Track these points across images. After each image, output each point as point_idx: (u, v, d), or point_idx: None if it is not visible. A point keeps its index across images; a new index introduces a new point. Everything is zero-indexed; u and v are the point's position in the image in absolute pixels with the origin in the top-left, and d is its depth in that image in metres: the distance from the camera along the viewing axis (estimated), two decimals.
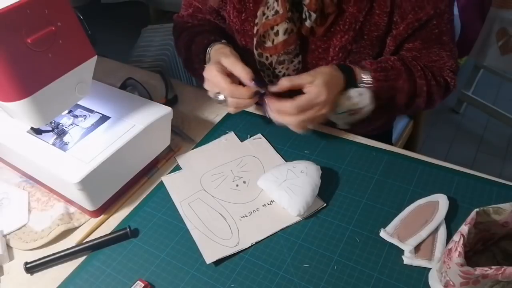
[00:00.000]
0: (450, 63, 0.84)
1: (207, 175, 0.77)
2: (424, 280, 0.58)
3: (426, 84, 0.82)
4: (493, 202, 0.63)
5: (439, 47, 0.82)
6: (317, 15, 0.77)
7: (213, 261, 0.63)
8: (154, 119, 0.74)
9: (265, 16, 0.79)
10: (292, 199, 0.67)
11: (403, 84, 0.80)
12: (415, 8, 0.76)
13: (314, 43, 0.83)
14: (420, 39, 0.81)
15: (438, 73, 0.84)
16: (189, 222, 0.69)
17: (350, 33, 0.79)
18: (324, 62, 0.84)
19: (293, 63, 0.83)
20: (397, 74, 0.79)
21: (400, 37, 0.80)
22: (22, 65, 0.59)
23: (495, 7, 1.74)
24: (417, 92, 0.82)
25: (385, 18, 0.78)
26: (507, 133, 2.01)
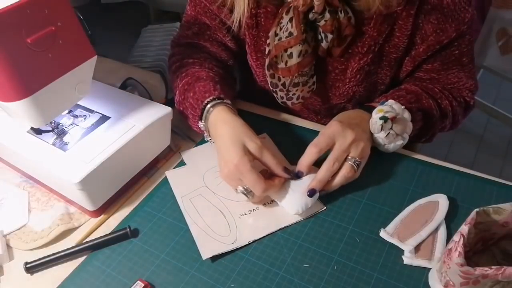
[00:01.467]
0: (468, 83, 0.82)
1: (210, 172, 0.77)
2: (424, 280, 0.58)
3: (449, 105, 0.80)
4: (493, 202, 0.63)
5: (458, 68, 0.81)
6: (334, 37, 0.74)
7: (209, 257, 0.63)
8: (154, 119, 0.74)
9: (277, 37, 0.75)
10: (292, 198, 0.67)
11: (427, 103, 0.78)
12: (436, 31, 0.74)
13: (331, 64, 0.81)
14: (440, 60, 0.79)
15: (457, 94, 0.83)
16: (189, 218, 0.69)
17: (369, 55, 0.77)
18: (341, 83, 0.83)
19: (308, 84, 0.80)
20: (416, 95, 0.77)
21: (419, 58, 0.79)
22: (22, 65, 0.59)
23: (495, 7, 1.74)
24: (442, 112, 0.80)
25: (405, 40, 0.76)
26: (507, 133, 2.01)
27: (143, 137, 0.73)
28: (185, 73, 0.83)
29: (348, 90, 0.83)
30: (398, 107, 0.72)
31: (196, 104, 0.76)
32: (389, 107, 0.71)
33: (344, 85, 0.82)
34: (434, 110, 0.78)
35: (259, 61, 0.85)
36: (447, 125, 0.84)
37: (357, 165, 0.68)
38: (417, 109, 0.76)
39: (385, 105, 0.71)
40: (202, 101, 0.75)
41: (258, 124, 0.86)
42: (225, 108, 0.74)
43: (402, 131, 0.72)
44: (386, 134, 0.71)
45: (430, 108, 0.78)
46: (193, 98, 0.77)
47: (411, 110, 0.73)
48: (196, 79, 0.80)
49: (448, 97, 0.81)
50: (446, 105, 0.80)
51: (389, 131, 0.71)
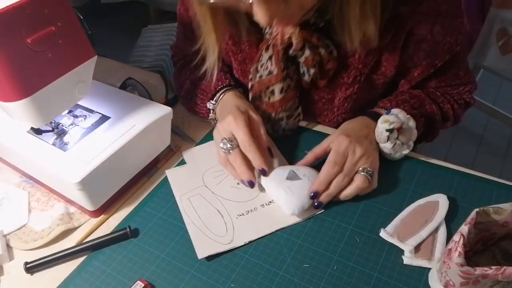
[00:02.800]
0: (468, 87, 0.83)
1: (210, 171, 0.78)
2: (424, 280, 0.58)
3: (451, 108, 0.81)
4: (493, 202, 0.63)
5: (456, 82, 0.81)
6: (316, 70, 0.74)
7: (205, 257, 0.63)
8: (154, 119, 0.74)
9: (258, 74, 0.76)
10: (289, 198, 0.67)
11: (430, 108, 0.78)
12: (430, 55, 0.74)
13: (317, 94, 0.81)
14: (436, 79, 0.80)
15: (458, 97, 0.83)
16: (187, 217, 0.70)
17: (355, 85, 0.77)
18: (329, 112, 0.83)
19: (293, 117, 0.80)
20: (419, 100, 0.78)
21: (415, 81, 0.79)
22: (22, 65, 0.59)
23: (495, 7, 1.74)
24: (444, 116, 0.81)
25: (393, 69, 0.76)
26: (507, 133, 2.01)
27: (143, 137, 0.73)
28: (193, 69, 0.86)
29: (337, 117, 0.83)
30: (403, 116, 0.71)
31: (208, 90, 0.82)
32: (395, 117, 0.70)
33: (333, 114, 0.83)
34: (437, 116, 0.79)
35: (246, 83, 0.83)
36: (448, 126, 0.85)
37: (370, 175, 0.67)
38: (420, 115, 0.75)
39: (390, 114, 0.71)
40: (215, 88, 0.81)
41: None
42: (236, 93, 0.80)
43: (407, 139, 0.72)
44: (393, 144, 0.71)
45: (433, 113, 0.78)
46: (205, 85, 0.82)
47: (415, 117, 0.73)
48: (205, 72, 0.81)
49: (450, 101, 0.82)
50: (448, 108, 0.81)
51: (395, 141, 0.71)
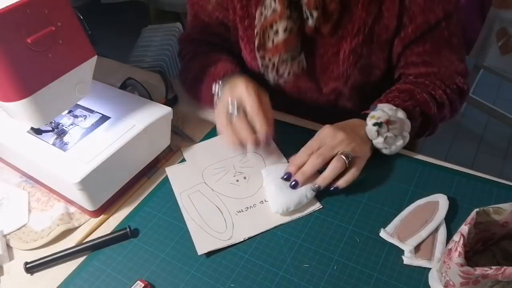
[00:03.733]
0: (460, 67, 0.82)
1: (209, 169, 0.78)
2: (424, 280, 0.58)
3: (444, 94, 0.80)
4: (493, 202, 0.63)
5: (449, 50, 0.81)
6: (319, 14, 0.76)
7: (204, 253, 0.64)
8: (154, 119, 0.74)
9: (263, 16, 0.79)
10: (277, 197, 0.68)
11: (421, 97, 0.78)
12: (424, 10, 0.75)
13: (323, 47, 0.82)
14: (430, 42, 0.79)
15: (450, 82, 0.82)
16: (187, 213, 0.70)
17: (360, 36, 0.78)
18: (335, 65, 0.83)
19: (296, 60, 0.81)
20: (409, 93, 0.78)
21: (408, 39, 0.79)
22: (22, 65, 0.59)
23: (495, 7, 1.74)
24: (438, 101, 0.80)
25: (394, 21, 0.77)
26: (507, 133, 2.01)
27: (143, 137, 0.73)
28: (202, 57, 0.89)
29: (343, 72, 0.83)
30: (389, 109, 0.72)
31: (216, 75, 0.82)
32: (381, 112, 0.71)
33: (338, 68, 0.83)
34: (430, 103, 0.78)
35: (253, 53, 0.86)
36: (446, 114, 0.83)
37: (349, 158, 0.67)
38: (413, 106, 0.76)
39: (376, 110, 0.72)
40: (224, 72, 0.82)
41: None
42: (246, 76, 0.79)
43: (400, 131, 0.72)
44: (384, 138, 0.71)
45: (426, 101, 0.78)
46: (213, 73, 0.83)
47: (408, 109, 0.74)
48: (215, 60, 0.86)
49: (441, 87, 0.81)
50: (440, 94, 0.80)
51: (386, 134, 0.71)
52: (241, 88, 0.73)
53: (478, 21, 1.82)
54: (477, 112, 2.08)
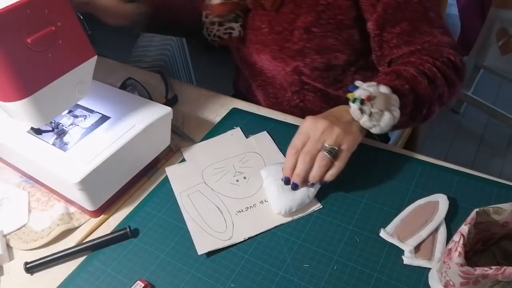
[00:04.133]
0: (445, 40, 0.79)
1: (209, 169, 0.78)
2: (424, 280, 0.58)
3: (433, 66, 0.75)
4: (493, 202, 0.63)
5: (428, 24, 0.78)
6: None
7: (205, 253, 0.64)
8: (154, 119, 0.74)
9: None
10: (279, 198, 0.68)
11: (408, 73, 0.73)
12: None
13: (281, 25, 0.86)
14: (406, 20, 0.77)
15: (437, 54, 0.77)
16: (186, 213, 0.70)
17: (312, 14, 0.81)
18: (290, 43, 0.87)
19: (224, 26, 0.91)
20: (395, 72, 0.74)
21: (381, 19, 0.78)
22: (22, 65, 0.59)
23: (495, 7, 1.74)
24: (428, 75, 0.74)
25: (347, 1, 0.79)
26: (507, 133, 2.01)
27: (143, 137, 0.73)
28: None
29: (299, 51, 0.87)
30: (368, 85, 0.68)
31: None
32: (360, 90, 0.68)
33: (294, 45, 0.86)
34: (419, 77, 0.73)
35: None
36: (443, 90, 0.76)
37: (332, 153, 0.66)
38: (401, 84, 0.71)
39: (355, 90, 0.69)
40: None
41: (258, 124, 0.86)
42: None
43: (386, 106, 0.68)
44: (369, 114, 0.67)
45: (413, 76, 0.73)
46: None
47: (396, 87, 0.70)
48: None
49: (429, 61, 0.76)
50: (429, 68, 0.75)
51: (370, 110, 0.67)
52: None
53: (478, 21, 1.82)
54: (477, 112, 2.08)
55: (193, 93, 0.99)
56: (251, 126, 0.86)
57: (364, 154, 0.77)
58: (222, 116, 0.90)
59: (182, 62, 1.79)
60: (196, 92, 0.99)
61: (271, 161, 0.78)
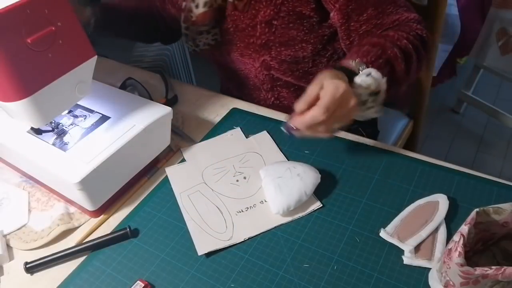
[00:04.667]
0: (411, 16, 0.81)
1: (209, 169, 0.78)
2: (424, 280, 0.58)
3: (408, 42, 0.77)
4: (493, 202, 0.63)
5: (393, 5, 0.80)
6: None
7: (205, 253, 0.64)
8: (154, 119, 0.74)
9: None
10: (277, 197, 0.68)
11: (392, 52, 0.75)
12: None
13: (243, 22, 0.89)
14: (371, 6, 0.79)
15: (407, 29, 0.79)
16: (187, 214, 0.70)
17: (271, 7, 0.83)
18: (253, 38, 0.89)
19: (211, 33, 0.92)
20: (381, 47, 0.75)
21: (345, 7, 0.79)
22: (22, 65, 0.59)
23: (495, 7, 1.74)
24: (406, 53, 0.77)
25: None
26: (507, 133, 2.01)
27: (143, 137, 0.73)
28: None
29: (263, 45, 0.89)
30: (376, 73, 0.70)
31: None
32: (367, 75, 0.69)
33: (257, 40, 0.89)
34: (399, 59, 0.75)
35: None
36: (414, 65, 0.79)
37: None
38: (384, 64, 0.73)
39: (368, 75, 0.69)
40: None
41: (258, 124, 0.86)
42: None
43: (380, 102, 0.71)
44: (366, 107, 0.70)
45: (396, 57, 0.75)
46: None
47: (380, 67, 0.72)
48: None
49: (403, 36, 0.78)
50: (405, 44, 0.77)
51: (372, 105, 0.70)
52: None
53: (478, 21, 1.82)
54: (477, 112, 2.08)
55: (193, 93, 0.99)
56: (251, 126, 0.86)
57: (364, 154, 0.77)
58: (222, 116, 0.90)
59: (182, 62, 1.79)
60: (196, 92, 0.99)
61: (271, 161, 0.78)
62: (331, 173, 0.75)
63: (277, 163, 0.74)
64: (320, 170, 0.72)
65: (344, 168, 0.75)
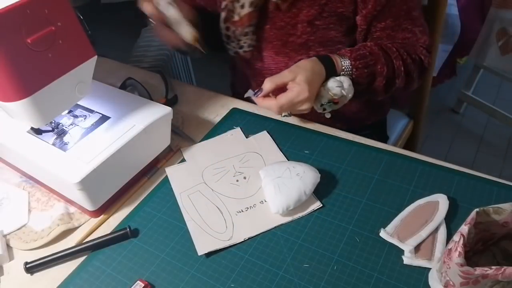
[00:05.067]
0: (423, 39, 0.87)
1: (209, 169, 0.78)
2: (424, 280, 0.58)
3: (403, 64, 0.84)
4: (493, 202, 0.63)
5: (410, 22, 0.85)
6: None
7: (204, 253, 0.64)
8: (154, 119, 0.74)
9: None
10: (276, 197, 0.68)
11: (381, 68, 0.82)
12: None
13: (282, 20, 0.88)
14: (391, 17, 0.84)
15: (413, 51, 0.86)
16: (187, 214, 0.70)
17: (316, 7, 0.84)
18: (294, 37, 0.88)
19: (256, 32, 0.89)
20: (376, 59, 0.82)
21: (370, 15, 0.83)
22: (22, 65, 0.59)
23: (495, 7, 1.74)
24: (395, 73, 0.84)
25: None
26: (507, 133, 2.01)
27: (143, 137, 0.73)
28: None
29: (303, 45, 0.88)
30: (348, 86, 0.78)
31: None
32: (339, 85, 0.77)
33: (297, 39, 0.88)
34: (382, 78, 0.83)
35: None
36: (398, 84, 0.87)
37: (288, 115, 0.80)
38: (368, 74, 0.82)
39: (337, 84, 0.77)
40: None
41: (258, 124, 0.86)
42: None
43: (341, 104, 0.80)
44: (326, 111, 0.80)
45: (381, 73, 0.83)
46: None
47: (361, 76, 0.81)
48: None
49: (402, 57, 0.85)
50: (398, 66, 0.84)
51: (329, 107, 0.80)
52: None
53: (478, 21, 1.82)
54: (477, 112, 2.08)
55: (193, 93, 0.99)
56: (251, 126, 0.86)
57: (364, 154, 0.77)
58: (222, 116, 0.90)
59: (182, 62, 1.79)
60: (196, 92, 0.99)
61: (271, 161, 0.78)
62: (331, 173, 0.75)
63: (277, 163, 0.74)
64: (320, 170, 0.72)
65: (344, 168, 0.75)
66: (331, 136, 0.82)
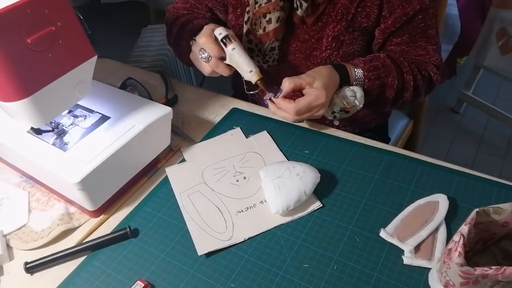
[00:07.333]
0: (435, 57, 0.88)
1: (209, 169, 0.78)
2: (424, 280, 0.58)
3: (413, 79, 0.85)
4: (493, 202, 0.63)
5: (425, 40, 0.86)
6: (308, 4, 0.80)
7: (204, 254, 0.64)
8: (154, 119, 0.74)
9: (257, 4, 0.83)
10: (277, 197, 0.68)
11: (392, 81, 0.83)
12: (403, 3, 0.81)
13: (307, 33, 0.87)
14: (408, 33, 0.85)
15: (423, 68, 0.88)
16: (187, 214, 0.70)
17: (343, 23, 0.83)
18: (318, 51, 0.88)
19: (281, 47, 0.89)
20: (387, 71, 0.83)
21: (388, 30, 0.84)
22: (22, 65, 0.59)
23: (495, 7, 1.74)
24: (404, 87, 0.86)
25: (375, 10, 0.82)
26: (507, 133, 2.01)
27: (143, 137, 0.73)
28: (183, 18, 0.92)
29: (326, 59, 0.88)
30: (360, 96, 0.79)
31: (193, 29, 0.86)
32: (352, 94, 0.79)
33: (321, 53, 0.88)
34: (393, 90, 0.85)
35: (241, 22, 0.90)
36: (406, 97, 0.88)
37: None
38: (378, 86, 0.83)
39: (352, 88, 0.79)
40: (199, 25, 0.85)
41: (258, 124, 0.86)
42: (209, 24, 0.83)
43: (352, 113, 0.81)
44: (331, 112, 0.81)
45: (391, 86, 0.84)
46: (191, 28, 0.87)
47: (372, 88, 0.82)
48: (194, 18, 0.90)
49: (413, 72, 0.86)
50: (409, 80, 0.85)
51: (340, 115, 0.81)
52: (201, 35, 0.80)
53: (478, 21, 1.82)
54: (477, 112, 2.08)
55: (193, 93, 0.99)
56: (251, 126, 0.86)
57: (364, 154, 0.77)
58: (222, 116, 0.90)
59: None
60: (196, 92, 0.99)
61: (271, 161, 0.78)
62: (331, 173, 0.75)
63: (277, 163, 0.74)
64: (320, 170, 0.72)
65: (344, 168, 0.75)
66: (331, 136, 0.82)
